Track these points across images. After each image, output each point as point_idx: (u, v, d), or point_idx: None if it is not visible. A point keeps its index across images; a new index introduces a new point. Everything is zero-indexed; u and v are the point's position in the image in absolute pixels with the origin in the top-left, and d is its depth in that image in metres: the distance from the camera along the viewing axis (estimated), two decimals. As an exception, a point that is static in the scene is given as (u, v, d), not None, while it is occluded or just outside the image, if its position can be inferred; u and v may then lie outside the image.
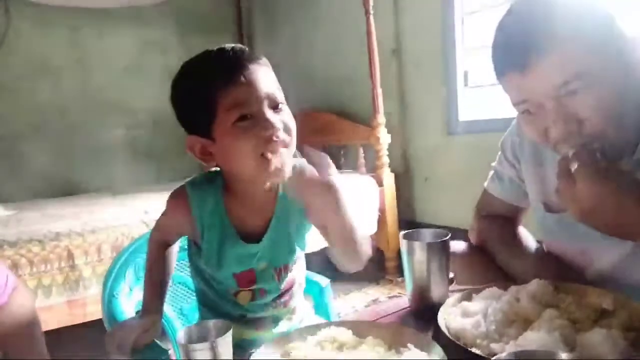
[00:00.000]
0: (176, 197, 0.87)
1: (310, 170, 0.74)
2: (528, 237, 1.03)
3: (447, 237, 0.86)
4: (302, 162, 0.77)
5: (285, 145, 0.77)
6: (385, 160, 2.88)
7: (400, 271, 2.89)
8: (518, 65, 0.72)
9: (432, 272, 0.86)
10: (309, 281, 1.10)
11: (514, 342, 0.67)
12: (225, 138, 0.77)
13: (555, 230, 0.92)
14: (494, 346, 0.68)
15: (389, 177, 2.88)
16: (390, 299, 2.54)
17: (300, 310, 0.99)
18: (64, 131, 3.59)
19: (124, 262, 1.09)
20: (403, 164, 3.10)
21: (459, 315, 0.77)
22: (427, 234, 0.91)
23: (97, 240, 1.92)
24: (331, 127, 3.30)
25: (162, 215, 0.92)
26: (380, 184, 2.84)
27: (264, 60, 0.82)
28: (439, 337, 0.73)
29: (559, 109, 0.72)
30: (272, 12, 4.15)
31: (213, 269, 0.88)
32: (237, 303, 0.89)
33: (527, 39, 0.71)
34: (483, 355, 0.64)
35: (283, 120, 0.77)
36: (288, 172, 0.77)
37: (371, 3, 2.77)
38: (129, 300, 1.05)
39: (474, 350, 0.67)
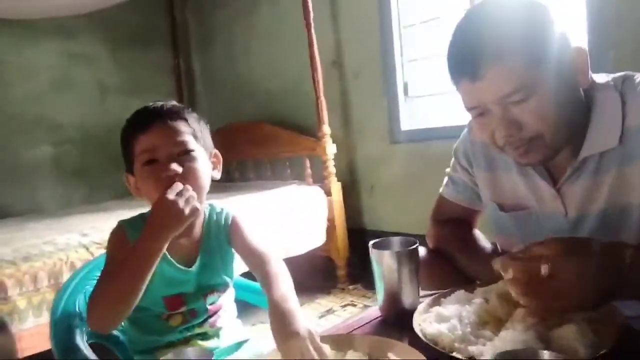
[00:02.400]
0: (115, 232, 0.94)
1: (245, 227, 0.99)
2: (483, 239, 1.07)
3: (416, 245, 0.88)
4: (234, 214, 1.00)
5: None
6: (332, 170, 2.90)
7: (351, 280, 2.92)
8: (469, 76, 0.78)
9: (402, 280, 0.87)
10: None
11: (491, 343, 0.69)
12: (139, 177, 0.91)
13: (509, 228, 0.97)
14: (472, 349, 0.69)
15: (336, 187, 2.91)
16: (363, 310, 2.56)
17: (230, 330, 1.01)
18: (-19, 150, 3.30)
19: (74, 288, 1.01)
20: (349, 173, 3.14)
21: (434, 320, 0.79)
22: (395, 243, 0.92)
23: (32, 268, 1.76)
24: (275, 139, 3.28)
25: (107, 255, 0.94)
26: (328, 193, 2.86)
27: (188, 115, 0.93)
28: (416, 344, 0.73)
29: (503, 114, 0.78)
30: (208, 23, 4.08)
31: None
32: (168, 327, 0.93)
33: (476, 53, 0.76)
34: (464, 359, 0.66)
35: (187, 166, 0.88)
36: (193, 209, 0.85)
37: (311, 14, 2.81)
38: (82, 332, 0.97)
39: (455, 354, 0.68)
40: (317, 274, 2.93)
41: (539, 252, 0.72)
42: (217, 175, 0.98)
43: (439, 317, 0.78)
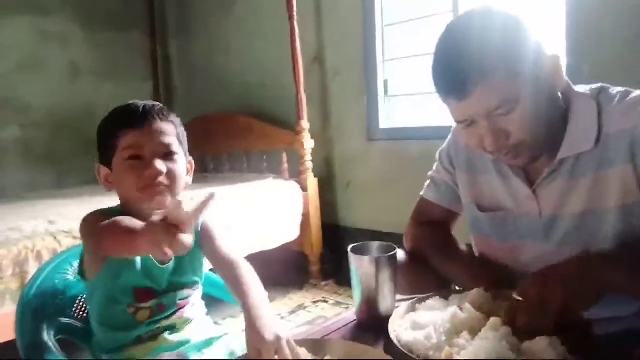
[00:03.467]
0: (93, 214, 0.92)
1: (215, 233, 0.99)
2: (459, 243, 1.10)
3: (395, 251, 0.88)
4: (205, 219, 0.99)
5: (166, 187, 0.89)
6: (309, 165, 2.90)
7: (324, 275, 2.93)
8: (456, 95, 0.83)
9: (380, 286, 0.87)
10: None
11: (465, 352, 0.70)
12: (119, 170, 0.91)
13: (486, 228, 1.01)
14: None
15: (312, 182, 2.90)
16: (337, 315, 2.55)
17: (200, 325, 1.02)
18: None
19: (42, 280, 0.99)
20: (325, 169, 3.14)
21: (409, 327, 0.80)
22: (374, 248, 0.93)
23: (-4, 256, 1.69)
24: (253, 131, 3.25)
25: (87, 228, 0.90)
26: (304, 189, 2.86)
27: (174, 118, 0.96)
28: (391, 350, 0.74)
29: (490, 125, 0.83)
30: (187, 9, 3.99)
31: (116, 273, 0.90)
32: (136, 322, 0.92)
33: (461, 74, 0.80)
34: (440, 368, 0.67)
35: (170, 167, 0.90)
36: (165, 204, 0.89)
37: (295, 8, 2.78)
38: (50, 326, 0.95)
39: (430, 363, 0.69)
40: (290, 269, 2.93)
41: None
42: (189, 181, 1.00)
43: (414, 325, 0.80)
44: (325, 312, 2.51)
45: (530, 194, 0.92)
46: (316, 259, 2.92)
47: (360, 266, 0.88)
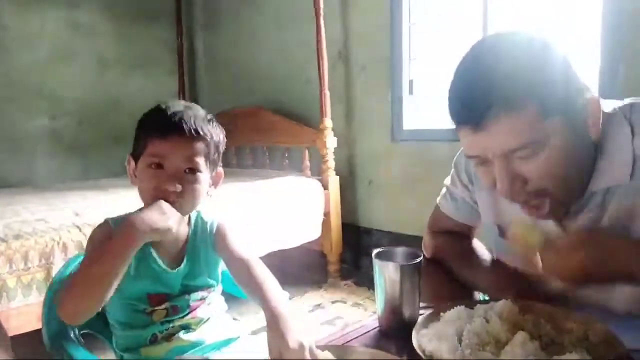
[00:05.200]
0: (100, 227, 0.94)
1: (230, 234, 1.00)
2: (482, 248, 1.06)
3: (420, 259, 0.86)
4: (220, 221, 1.01)
5: (178, 205, 0.90)
6: (331, 163, 2.88)
7: (342, 275, 2.92)
8: (471, 125, 0.72)
9: (404, 293, 0.86)
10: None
11: (491, 366, 0.68)
12: (141, 173, 0.92)
13: (508, 252, 0.95)
14: (472, 371, 0.69)
15: (334, 181, 2.89)
16: (353, 307, 2.56)
17: (218, 324, 1.02)
18: (-22, 118, 3.25)
19: (73, 269, 1.01)
20: (347, 167, 3.12)
21: (434, 337, 0.78)
22: (398, 254, 0.91)
23: (23, 247, 1.73)
24: (275, 127, 3.25)
25: (89, 246, 0.92)
26: (325, 187, 2.85)
27: (212, 130, 0.94)
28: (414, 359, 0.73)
29: (506, 168, 0.73)
30: (215, 3, 4.01)
31: (129, 283, 0.90)
32: (151, 322, 0.94)
33: (481, 101, 0.70)
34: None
35: (187, 187, 0.90)
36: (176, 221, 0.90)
37: (322, 4, 2.76)
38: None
39: (455, 376, 0.67)
40: (309, 268, 2.93)
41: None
42: (212, 192, 0.99)
43: (439, 335, 0.78)
44: (343, 312, 2.50)
45: (557, 229, 0.82)
46: (335, 259, 2.90)
47: (384, 272, 0.86)
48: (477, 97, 0.70)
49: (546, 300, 0.81)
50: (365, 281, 2.81)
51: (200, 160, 0.91)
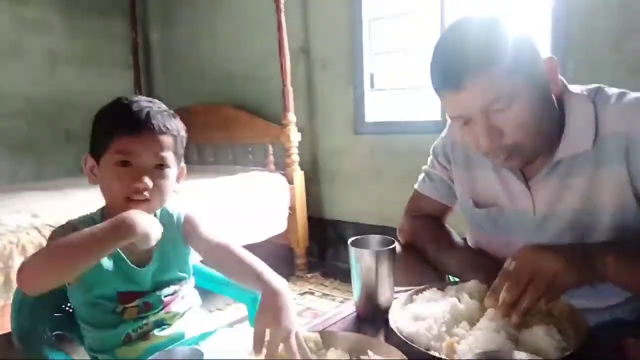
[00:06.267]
0: (63, 227, 0.90)
1: (199, 223, 0.99)
2: (454, 234, 1.13)
3: (394, 245, 0.90)
4: (186, 212, 1.00)
5: (149, 202, 0.89)
6: (296, 158, 2.90)
7: (309, 268, 2.95)
8: (453, 87, 0.83)
9: (380, 278, 0.89)
10: (241, 291, 1.09)
11: (465, 341, 0.73)
12: (106, 171, 0.89)
13: (482, 223, 1.04)
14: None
15: (299, 175, 2.91)
16: (322, 298, 2.59)
17: (193, 319, 1.01)
18: None
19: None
20: (311, 161, 3.15)
21: (410, 319, 0.82)
22: (373, 241, 0.94)
23: (-21, 250, 1.65)
24: (238, 123, 3.23)
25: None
26: (290, 181, 2.86)
27: (176, 124, 0.93)
28: (392, 341, 0.76)
29: (485, 122, 0.83)
30: (170, -3, 3.92)
31: (98, 282, 0.89)
32: (122, 320, 0.91)
33: (460, 65, 0.81)
34: (445, 358, 0.69)
35: (157, 182, 0.89)
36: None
37: (282, -1, 2.76)
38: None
39: (433, 353, 0.71)
40: (276, 262, 2.92)
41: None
42: (178, 187, 0.98)
43: (415, 316, 0.82)
44: (312, 303, 2.53)
45: (525, 192, 0.94)
46: (302, 252, 2.93)
47: (360, 259, 0.89)
48: (455, 64, 0.82)
49: None
50: (332, 272, 2.85)
51: (169, 156, 0.90)
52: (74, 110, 3.49)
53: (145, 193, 0.87)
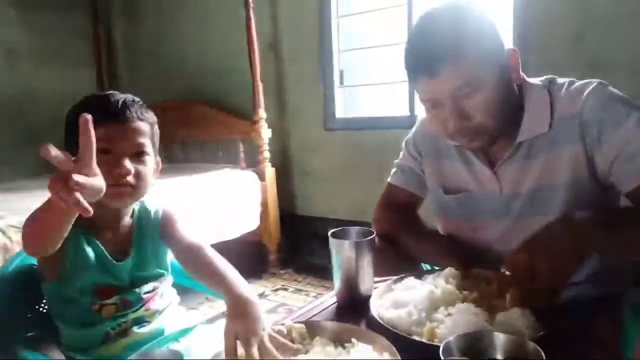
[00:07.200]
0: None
1: (176, 222, 1.00)
2: (426, 223, 1.18)
3: (374, 235, 0.92)
4: (165, 209, 1.01)
5: (132, 187, 0.89)
6: (267, 154, 2.89)
7: (282, 264, 2.96)
8: (427, 74, 0.89)
9: (360, 268, 0.91)
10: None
11: (444, 325, 0.76)
12: None
13: (452, 209, 1.09)
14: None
15: (270, 172, 2.91)
16: (295, 293, 2.60)
17: (172, 315, 1.01)
18: None
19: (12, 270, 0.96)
20: (282, 158, 3.15)
21: (390, 306, 0.84)
22: (353, 232, 0.96)
23: (-61, 253, 1.58)
24: (208, 120, 3.19)
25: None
26: (262, 178, 2.86)
27: (150, 115, 0.95)
28: (374, 328, 0.78)
29: (453, 106, 0.90)
30: (133, -10, 3.83)
31: (74, 275, 0.89)
32: (99, 318, 0.91)
33: (433, 55, 0.88)
34: (427, 342, 0.72)
35: (138, 168, 0.89)
36: (128, 204, 0.94)
37: (251, -6, 2.75)
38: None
39: (415, 338, 0.74)
40: (248, 258, 2.92)
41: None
42: (155, 180, 0.98)
43: (395, 303, 0.84)
44: (286, 299, 2.54)
45: (492, 175, 1.00)
46: (274, 248, 2.93)
47: (340, 250, 0.91)
48: (428, 54, 0.88)
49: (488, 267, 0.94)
50: (305, 268, 2.87)
51: (148, 142, 0.92)
52: (35, 108, 3.36)
53: (128, 178, 0.88)
